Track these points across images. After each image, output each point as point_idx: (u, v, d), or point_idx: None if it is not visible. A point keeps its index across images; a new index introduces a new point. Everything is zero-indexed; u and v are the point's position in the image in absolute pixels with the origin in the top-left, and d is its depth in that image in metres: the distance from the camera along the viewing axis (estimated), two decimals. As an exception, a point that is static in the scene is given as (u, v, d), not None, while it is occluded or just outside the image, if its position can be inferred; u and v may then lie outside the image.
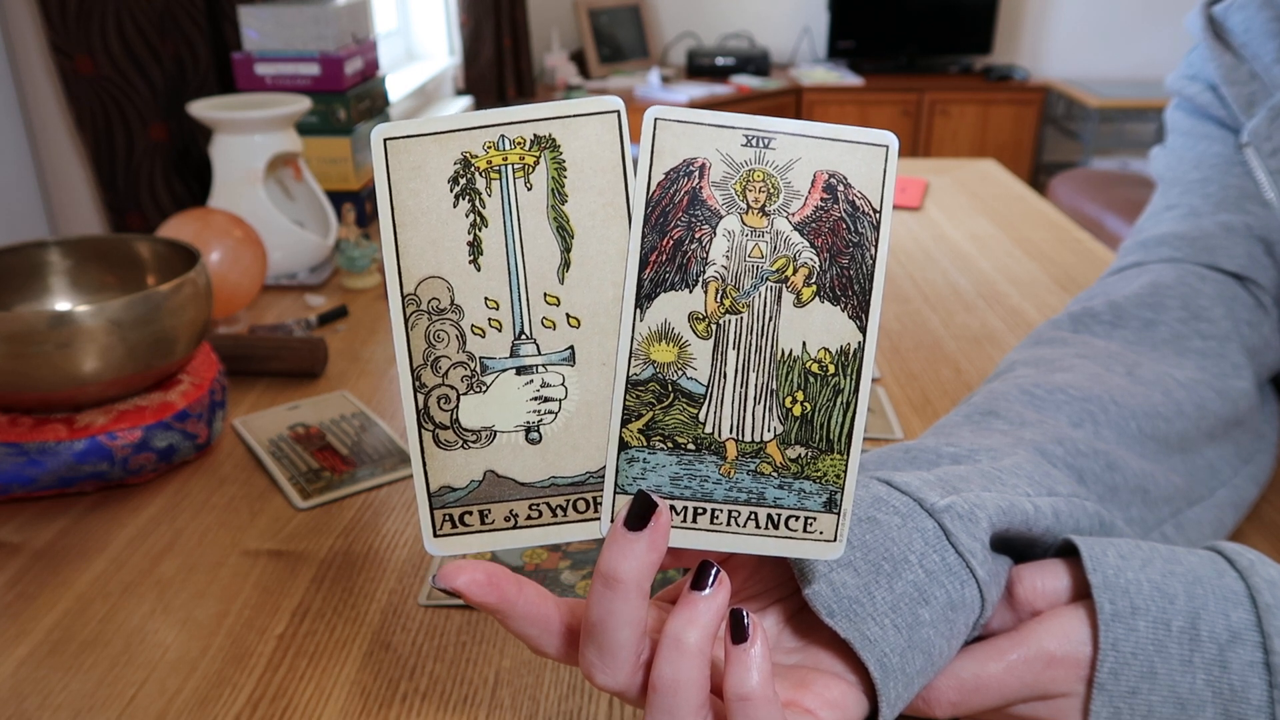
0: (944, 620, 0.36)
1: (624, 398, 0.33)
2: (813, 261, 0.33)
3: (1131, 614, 0.37)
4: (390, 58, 2.60)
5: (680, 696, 0.32)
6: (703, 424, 0.33)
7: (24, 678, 0.47)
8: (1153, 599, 0.37)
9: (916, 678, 0.36)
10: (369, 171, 1.18)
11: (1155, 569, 0.38)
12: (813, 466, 0.33)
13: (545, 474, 0.33)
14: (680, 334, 0.33)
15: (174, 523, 0.60)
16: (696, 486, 0.33)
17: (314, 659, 0.48)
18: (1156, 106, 3.44)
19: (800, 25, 3.84)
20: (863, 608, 0.35)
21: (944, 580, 0.36)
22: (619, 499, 0.33)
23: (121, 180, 1.10)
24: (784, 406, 0.33)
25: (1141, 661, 0.36)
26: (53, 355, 0.57)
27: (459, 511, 0.33)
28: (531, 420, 0.33)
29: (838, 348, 0.33)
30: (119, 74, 1.06)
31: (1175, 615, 0.37)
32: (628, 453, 0.33)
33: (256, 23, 1.09)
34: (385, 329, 0.88)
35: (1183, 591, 0.37)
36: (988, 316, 0.90)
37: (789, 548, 0.34)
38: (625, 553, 0.31)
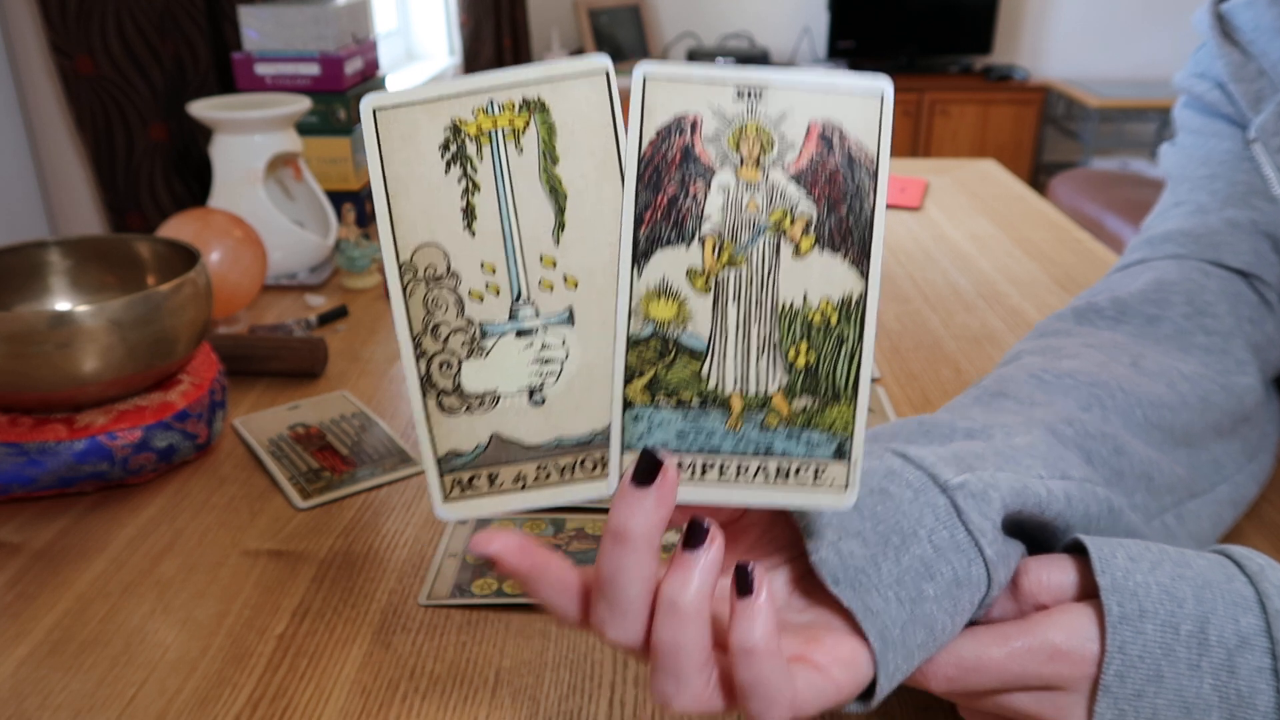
0: (948, 596, 0.36)
1: (625, 356, 0.33)
2: (810, 212, 0.33)
3: (1139, 617, 0.36)
4: (390, 58, 2.60)
5: (681, 658, 0.32)
6: (706, 379, 0.33)
7: (24, 678, 0.47)
8: (1161, 602, 0.37)
9: (917, 651, 0.36)
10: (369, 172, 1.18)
11: (1164, 572, 0.38)
12: (820, 417, 0.33)
13: (551, 435, 0.33)
14: (679, 290, 0.33)
15: (174, 523, 0.60)
16: (703, 441, 0.33)
17: (314, 659, 0.48)
18: (1156, 106, 3.44)
19: (800, 25, 3.84)
20: (868, 578, 0.35)
21: (951, 557, 0.36)
22: (626, 457, 0.33)
23: (121, 180, 1.10)
24: (788, 358, 0.33)
25: (1148, 665, 0.36)
26: (53, 355, 0.57)
27: (467, 475, 0.34)
28: (534, 382, 0.33)
29: (839, 297, 0.33)
30: (119, 74, 1.06)
31: (1184, 619, 0.37)
32: (632, 410, 0.33)
33: (256, 23, 1.09)
34: (385, 329, 0.88)
35: (1191, 595, 0.37)
36: (988, 316, 0.90)
37: (800, 498, 0.34)
38: (634, 509, 0.31)
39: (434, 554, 0.56)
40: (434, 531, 0.59)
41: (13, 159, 1.08)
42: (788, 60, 3.85)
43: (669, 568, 0.32)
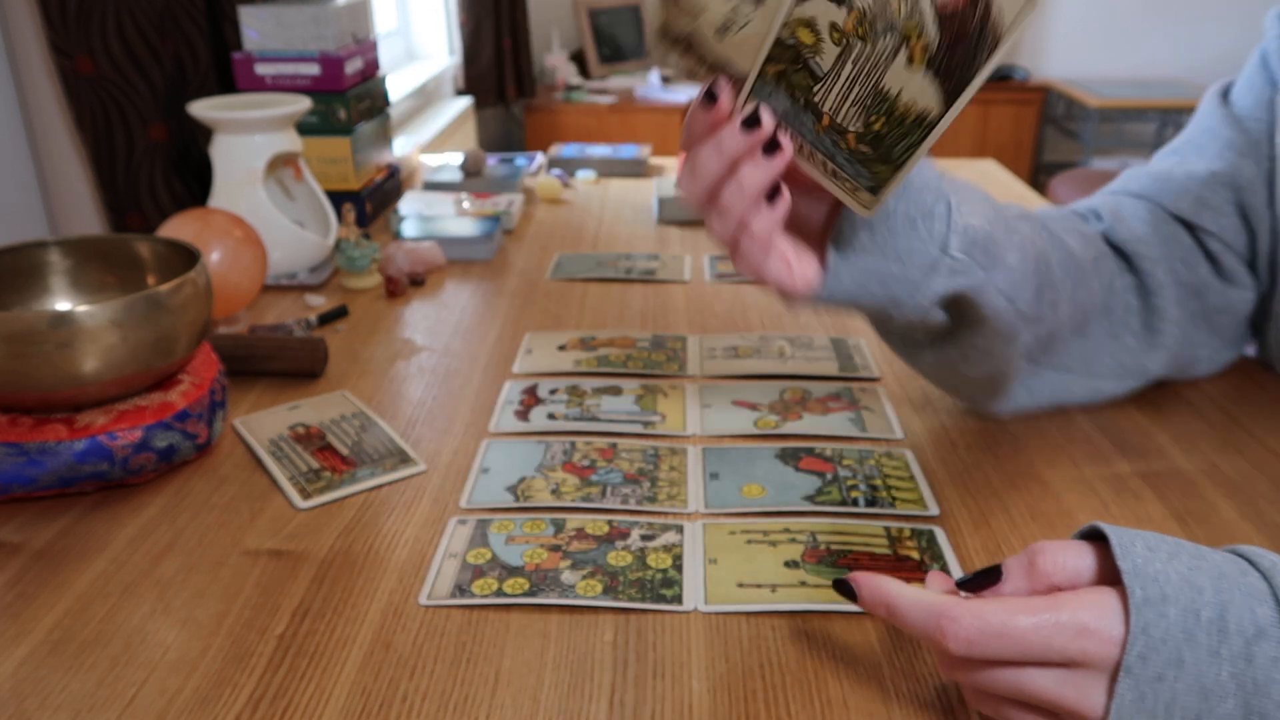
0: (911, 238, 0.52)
1: (771, 46, 0.46)
2: (933, 40, 0.41)
3: (1162, 601, 0.38)
4: (390, 58, 2.60)
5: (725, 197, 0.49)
6: (815, 93, 0.46)
7: (24, 678, 0.47)
8: (1182, 589, 0.38)
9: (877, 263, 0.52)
10: (369, 171, 1.18)
11: (1181, 562, 0.39)
12: (871, 163, 0.46)
13: (723, 56, 0.48)
14: (820, 31, 0.44)
15: (174, 523, 0.60)
16: (796, 125, 0.47)
17: (314, 659, 0.48)
18: (1156, 106, 3.44)
19: (800, 25, 3.84)
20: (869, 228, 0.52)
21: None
22: (750, 101, 0.48)
23: (121, 180, 1.10)
24: (867, 119, 0.45)
25: (1170, 648, 0.37)
26: (53, 355, 0.57)
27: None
28: (729, 20, 0.47)
29: (920, 108, 0.43)
30: (119, 74, 1.06)
31: (1204, 606, 0.38)
32: (763, 78, 0.47)
33: (256, 23, 1.09)
34: (385, 329, 0.88)
35: (1210, 585, 0.38)
36: (988, 316, 0.90)
37: (839, 193, 0.48)
38: (730, 128, 0.48)
39: (434, 554, 0.56)
40: (434, 531, 0.59)
41: (12, 159, 1.08)
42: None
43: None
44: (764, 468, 0.64)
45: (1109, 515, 0.60)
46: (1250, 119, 0.71)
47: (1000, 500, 0.62)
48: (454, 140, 2.51)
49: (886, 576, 0.44)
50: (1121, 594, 0.38)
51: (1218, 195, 0.70)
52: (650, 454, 0.66)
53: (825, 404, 0.73)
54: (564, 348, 0.83)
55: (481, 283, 0.99)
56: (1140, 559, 0.39)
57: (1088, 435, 0.69)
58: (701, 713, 0.45)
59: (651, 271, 1.02)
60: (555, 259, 1.06)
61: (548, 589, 0.53)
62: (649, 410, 0.72)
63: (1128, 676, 0.37)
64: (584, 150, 1.44)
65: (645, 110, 3.12)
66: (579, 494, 0.62)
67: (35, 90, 1.09)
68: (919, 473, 0.64)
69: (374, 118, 1.20)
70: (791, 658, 0.48)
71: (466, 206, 1.16)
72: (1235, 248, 0.70)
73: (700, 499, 0.61)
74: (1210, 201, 0.69)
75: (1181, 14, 3.74)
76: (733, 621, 0.51)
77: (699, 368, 0.79)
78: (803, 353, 0.82)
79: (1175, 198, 0.71)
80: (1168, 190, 0.71)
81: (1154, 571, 0.38)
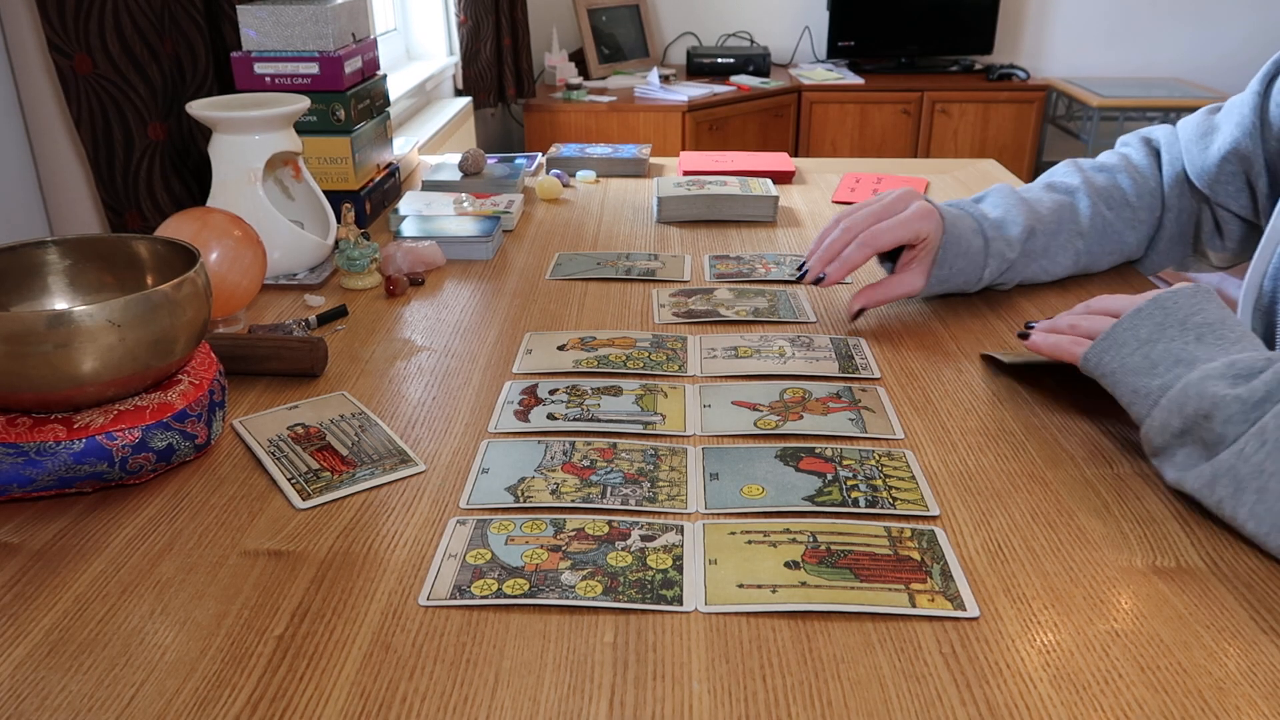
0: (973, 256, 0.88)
1: None
2: None
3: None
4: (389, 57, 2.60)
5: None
6: None
7: (22, 679, 0.47)
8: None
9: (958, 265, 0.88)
10: (368, 171, 1.17)
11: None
12: None
13: None
14: None
15: (173, 523, 0.59)
16: None
17: (313, 660, 0.48)
18: (1157, 106, 3.43)
19: (800, 25, 3.84)
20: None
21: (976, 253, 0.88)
22: None
23: (120, 180, 1.10)
24: None
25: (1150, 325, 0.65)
26: (51, 355, 0.56)
27: None
28: None
29: None
30: (118, 73, 1.06)
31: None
32: None
33: (255, 22, 1.08)
34: (385, 329, 0.88)
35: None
36: (988, 316, 0.90)
37: None
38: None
39: (434, 554, 0.56)
40: (434, 531, 0.58)
41: (11, 158, 1.07)
42: (788, 60, 3.85)
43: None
44: (764, 468, 0.64)
45: (1110, 515, 0.60)
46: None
47: (1000, 500, 0.61)
48: (453, 140, 2.51)
49: None
50: None
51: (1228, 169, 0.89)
52: (650, 454, 0.66)
53: (825, 404, 0.73)
54: (564, 348, 0.83)
55: (481, 283, 0.99)
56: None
57: (1088, 435, 0.69)
58: (701, 713, 0.45)
59: (651, 271, 1.01)
60: (555, 259, 1.06)
61: (547, 590, 0.53)
62: (649, 410, 0.72)
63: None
64: (584, 150, 1.43)
65: (645, 110, 3.12)
66: (579, 494, 0.62)
67: (34, 90, 1.08)
68: (919, 473, 0.64)
69: (373, 117, 1.19)
70: (792, 659, 0.48)
71: (466, 206, 1.16)
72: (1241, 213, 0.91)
73: (700, 499, 0.61)
74: (1221, 177, 0.89)
75: (1182, 14, 3.74)
76: (733, 622, 0.51)
77: (699, 368, 0.79)
78: (803, 353, 0.82)
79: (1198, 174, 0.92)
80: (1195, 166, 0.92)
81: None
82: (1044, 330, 0.72)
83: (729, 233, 1.15)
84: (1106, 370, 0.65)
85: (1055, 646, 0.49)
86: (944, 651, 0.49)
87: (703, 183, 1.23)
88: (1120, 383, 0.64)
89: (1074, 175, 0.97)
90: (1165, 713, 0.45)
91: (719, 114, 3.22)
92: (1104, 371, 0.65)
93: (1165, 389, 0.60)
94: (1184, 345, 0.61)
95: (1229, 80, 3.74)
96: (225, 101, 0.99)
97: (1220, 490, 0.56)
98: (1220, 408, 0.56)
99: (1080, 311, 0.71)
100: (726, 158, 1.41)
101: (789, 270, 1.01)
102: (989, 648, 0.49)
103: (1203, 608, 0.52)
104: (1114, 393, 0.65)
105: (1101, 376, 0.65)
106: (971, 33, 3.68)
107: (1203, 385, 0.57)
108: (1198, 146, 0.91)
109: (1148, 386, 0.62)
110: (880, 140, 3.55)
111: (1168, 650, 0.49)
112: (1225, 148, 0.88)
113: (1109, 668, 0.48)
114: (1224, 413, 0.56)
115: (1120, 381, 0.64)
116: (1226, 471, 0.55)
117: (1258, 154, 0.85)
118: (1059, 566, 0.55)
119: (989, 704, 0.45)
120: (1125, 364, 0.63)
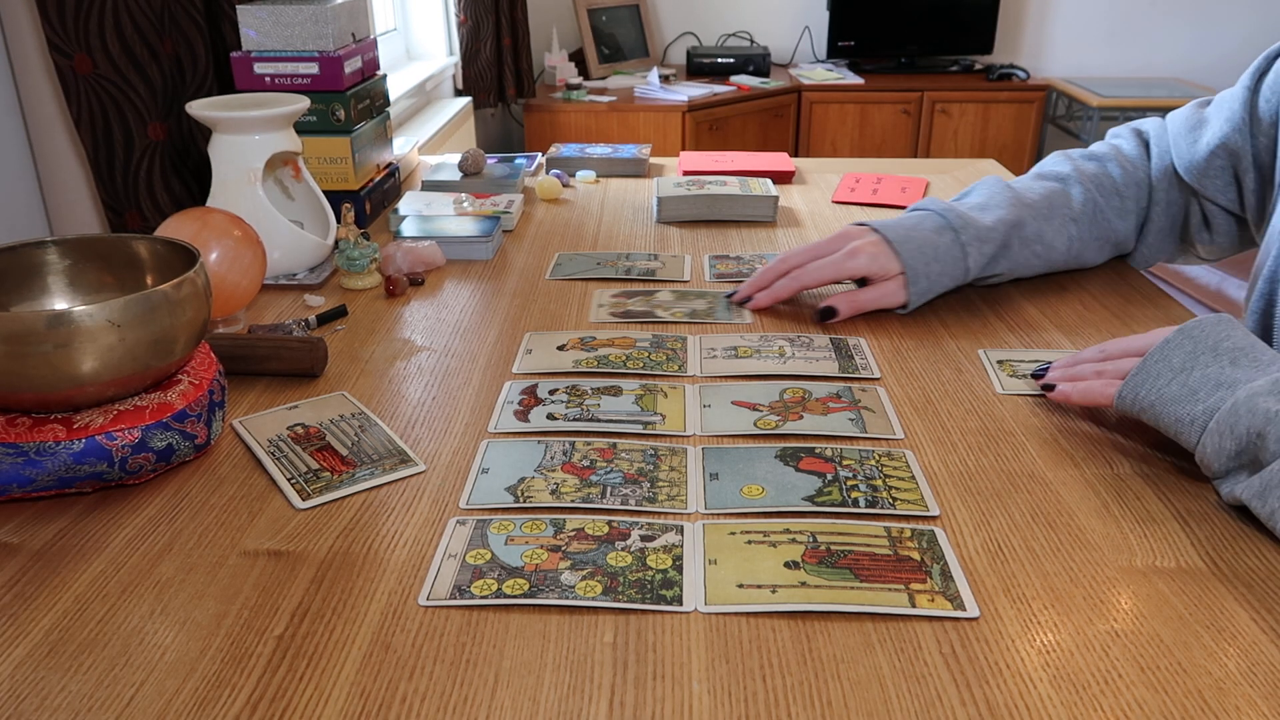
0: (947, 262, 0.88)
1: None
2: None
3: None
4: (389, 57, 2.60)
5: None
6: None
7: (22, 679, 0.47)
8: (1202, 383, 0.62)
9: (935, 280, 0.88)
10: (368, 171, 1.17)
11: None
12: None
13: None
14: None
15: (173, 523, 0.59)
16: None
17: (313, 660, 0.48)
18: (1157, 106, 3.43)
19: (800, 25, 3.84)
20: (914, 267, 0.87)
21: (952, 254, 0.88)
22: None
23: (120, 180, 1.10)
24: None
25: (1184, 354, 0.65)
26: (51, 355, 0.56)
27: None
28: None
29: None
30: (117, 73, 1.06)
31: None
32: None
33: (255, 22, 1.08)
34: (385, 329, 0.88)
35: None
36: (988, 316, 0.90)
37: None
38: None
39: (434, 554, 0.56)
40: (434, 531, 0.58)
41: (11, 158, 1.07)
42: (788, 60, 3.85)
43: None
44: (764, 468, 0.64)
45: (1110, 515, 0.60)
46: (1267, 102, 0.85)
47: (1000, 500, 0.61)
48: (453, 140, 2.51)
49: None
50: None
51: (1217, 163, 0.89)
52: (650, 454, 0.66)
53: (825, 404, 0.73)
54: (564, 348, 0.83)
55: (481, 283, 0.99)
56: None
57: (1088, 435, 0.69)
58: (701, 714, 0.45)
59: (651, 271, 1.01)
60: (555, 259, 1.06)
61: (547, 590, 0.53)
62: (649, 410, 0.72)
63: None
64: (583, 150, 1.43)
65: (645, 110, 3.12)
66: (579, 494, 0.62)
67: (33, 90, 1.08)
68: (919, 473, 0.64)
69: (373, 117, 1.19)
70: (792, 659, 0.48)
71: (466, 206, 1.16)
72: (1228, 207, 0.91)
73: (700, 499, 0.61)
74: (1210, 171, 0.89)
75: (1182, 14, 3.74)
76: (733, 622, 0.51)
77: (699, 368, 0.79)
78: (803, 353, 0.82)
79: (1186, 168, 0.92)
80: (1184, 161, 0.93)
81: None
82: (1064, 378, 0.71)
83: (729, 233, 1.15)
84: (1145, 404, 0.63)
85: (1055, 646, 0.49)
86: (944, 651, 0.49)
87: (703, 183, 1.23)
88: (1163, 414, 0.62)
89: (1065, 164, 0.97)
90: (1165, 713, 0.45)
91: (719, 114, 3.22)
92: (1142, 406, 0.64)
93: (1212, 412, 0.59)
94: (1220, 369, 0.61)
95: (1229, 80, 3.74)
96: (225, 101, 0.99)
97: (1272, 501, 0.56)
98: (1274, 424, 0.55)
99: (1095, 357, 0.70)
100: (726, 158, 1.41)
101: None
102: (989, 648, 0.49)
103: (1203, 608, 0.52)
104: (1157, 425, 0.63)
105: (1140, 411, 0.64)
106: (971, 33, 3.68)
107: (1253, 403, 0.57)
108: (1186, 140, 0.91)
109: (1191, 414, 0.60)
110: (880, 140, 3.55)
111: (1168, 650, 0.49)
112: (1214, 142, 0.88)
113: (1109, 668, 0.48)
114: (1278, 429, 0.55)
115: (1162, 413, 0.62)
116: (1278, 484, 0.55)
117: (1246, 149, 0.86)
118: (1059, 566, 0.55)
119: (989, 704, 0.45)
120: (1164, 394, 0.62)
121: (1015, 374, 0.78)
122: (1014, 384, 0.76)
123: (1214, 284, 2.24)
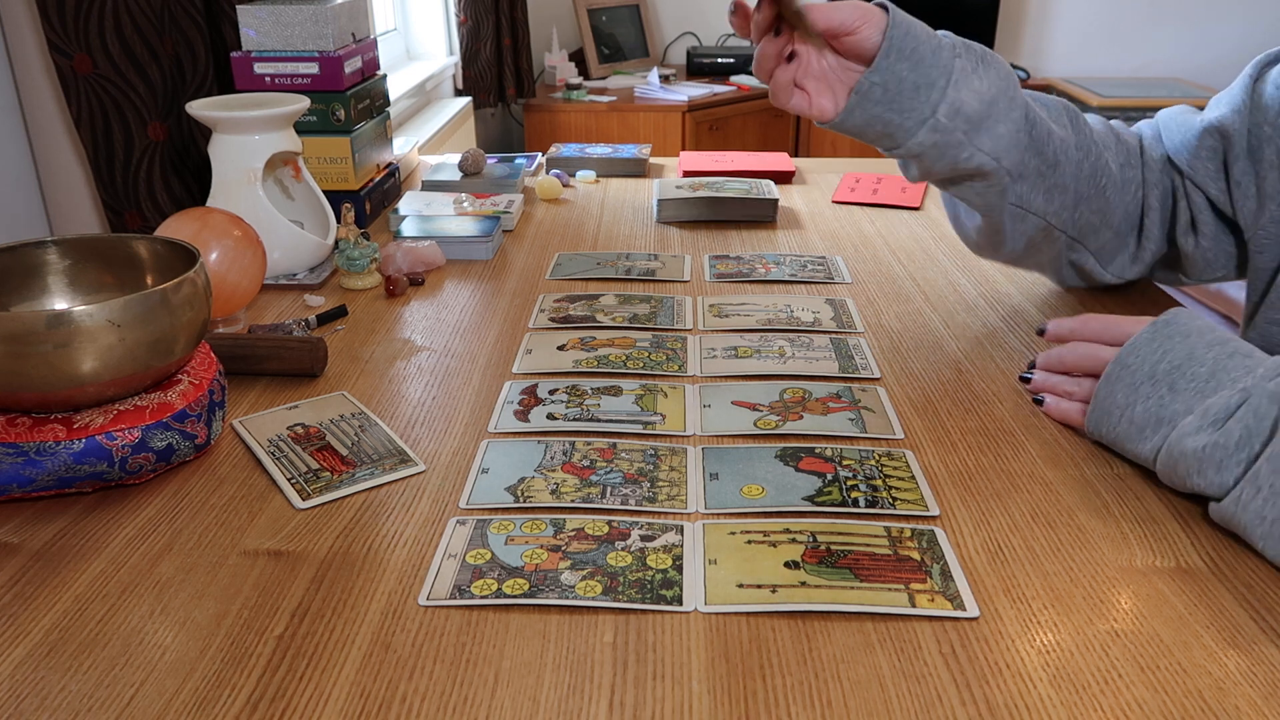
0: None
1: None
2: None
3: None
4: (389, 57, 2.60)
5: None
6: None
7: (22, 679, 0.47)
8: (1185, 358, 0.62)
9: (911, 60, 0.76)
10: (368, 171, 1.17)
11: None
12: None
13: None
14: None
15: (173, 523, 0.59)
16: None
17: (313, 660, 0.48)
18: (1157, 106, 3.43)
19: (800, 25, 3.84)
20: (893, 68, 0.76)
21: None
22: None
23: (120, 180, 1.10)
24: None
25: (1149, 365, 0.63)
26: (51, 355, 0.56)
27: None
28: None
29: None
30: (117, 73, 1.06)
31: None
32: None
33: (255, 22, 1.08)
34: (385, 329, 0.88)
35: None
36: (988, 316, 0.90)
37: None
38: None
39: (434, 554, 0.56)
40: (434, 531, 0.58)
41: (11, 158, 1.07)
42: (787, 60, 3.84)
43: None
44: (764, 468, 0.64)
45: (1110, 515, 0.60)
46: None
47: (1000, 500, 0.61)
48: (453, 140, 2.51)
49: None
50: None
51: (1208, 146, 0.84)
52: (650, 454, 0.66)
53: (825, 404, 0.73)
54: (564, 348, 0.83)
55: (481, 283, 0.99)
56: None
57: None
58: (701, 714, 0.45)
59: (651, 271, 1.01)
60: (555, 259, 1.06)
61: (547, 589, 0.53)
62: (649, 410, 0.72)
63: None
64: (583, 150, 1.43)
65: (645, 110, 3.12)
66: (579, 494, 0.62)
67: (33, 90, 1.08)
68: (919, 473, 0.64)
69: (373, 117, 1.19)
70: (792, 659, 0.48)
71: (466, 206, 1.16)
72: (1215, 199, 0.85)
73: (700, 499, 0.61)
74: (1201, 154, 0.85)
75: (1183, 14, 3.74)
76: (733, 622, 0.51)
77: (699, 368, 0.79)
78: (803, 353, 0.82)
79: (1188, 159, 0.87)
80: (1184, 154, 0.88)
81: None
82: (1045, 387, 0.72)
83: (729, 233, 1.15)
84: (1109, 441, 0.65)
85: (1055, 646, 0.49)
86: (944, 651, 0.49)
87: (703, 183, 1.23)
88: (1126, 450, 0.64)
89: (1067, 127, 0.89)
90: (1165, 713, 0.45)
91: (719, 114, 3.22)
92: (1107, 442, 0.65)
93: (1156, 451, 0.60)
94: (1159, 402, 0.60)
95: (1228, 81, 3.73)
96: (225, 101, 0.99)
97: (1237, 529, 0.56)
98: (1204, 461, 0.56)
99: (1072, 363, 0.70)
100: (726, 158, 1.41)
101: (789, 270, 1.01)
102: (989, 647, 0.49)
103: (1203, 608, 0.52)
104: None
105: (1110, 445, 0.65)
106: (971, 33, 3.67)
107: (1181, 445, 0.58)
108: (1179, 123, 0.89)
109: (1143, 453, 0.62)
110: (880, 140, 3.55)
111: (1168, 650, 0.49)
112: (1209, 122, 0.85)
113: (1109, 668, 0.48)
114: (1210, 463, 0.56)
115: (1125, 450, 0.64)
116: (1232, 518, 0.56)
117: (1241, 132, 0.82)
118: (1059, 566, 0.55)
119: (989, 704, 0.45)
120: (1118, 434, 0.63)
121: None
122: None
123: (1215, 285, 2.24)
